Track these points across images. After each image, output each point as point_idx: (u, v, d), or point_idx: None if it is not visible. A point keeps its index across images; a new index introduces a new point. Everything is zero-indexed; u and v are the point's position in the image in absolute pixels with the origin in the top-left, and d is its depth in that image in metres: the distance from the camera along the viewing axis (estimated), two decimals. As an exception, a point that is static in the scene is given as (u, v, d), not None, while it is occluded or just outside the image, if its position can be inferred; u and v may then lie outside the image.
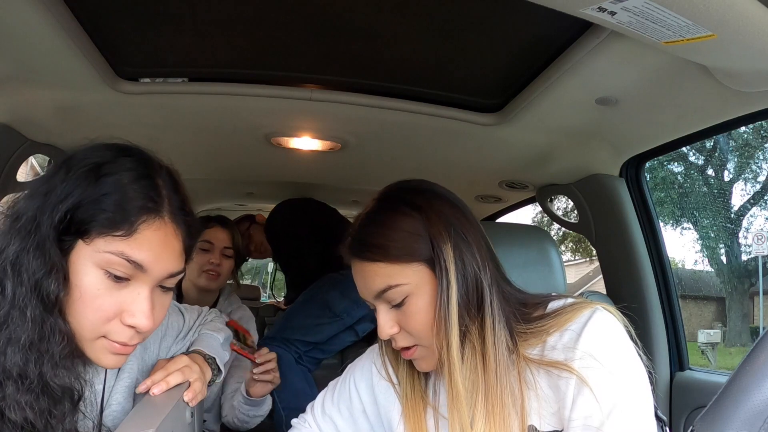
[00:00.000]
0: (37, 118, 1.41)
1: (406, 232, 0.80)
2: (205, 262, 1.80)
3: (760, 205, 6.88)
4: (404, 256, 0.79)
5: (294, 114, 1.53)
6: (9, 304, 0.70)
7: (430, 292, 0.79)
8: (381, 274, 0.80)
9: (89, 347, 0.76)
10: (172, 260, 0.77)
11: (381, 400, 0.96)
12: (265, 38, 1.21)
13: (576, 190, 1.78)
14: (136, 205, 0.73)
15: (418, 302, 0.80)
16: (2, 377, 0.69)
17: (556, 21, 0.97)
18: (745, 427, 0.37)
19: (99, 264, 0.72)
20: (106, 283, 0.73)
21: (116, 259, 0.72)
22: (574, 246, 10.86)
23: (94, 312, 0.73)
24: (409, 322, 0.80)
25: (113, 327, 0.75)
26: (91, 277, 0.72)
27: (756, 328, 6.92)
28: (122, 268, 0.73)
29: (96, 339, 0.75)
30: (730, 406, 0.38)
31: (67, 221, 0.71)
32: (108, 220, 0.72)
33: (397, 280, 0.79)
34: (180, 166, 0.86)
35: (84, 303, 0.73)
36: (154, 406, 0.77)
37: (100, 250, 0.72)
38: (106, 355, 0.77)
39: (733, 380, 0.39)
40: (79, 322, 0.74)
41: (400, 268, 0.79)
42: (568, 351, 0.75)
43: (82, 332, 0.74)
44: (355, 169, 2.10)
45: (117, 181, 0.74)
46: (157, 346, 0.98)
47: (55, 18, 1.01)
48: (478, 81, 1.37)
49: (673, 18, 0.76)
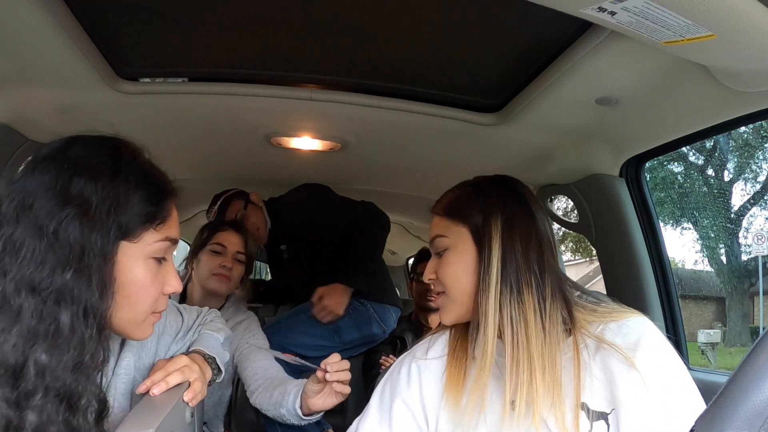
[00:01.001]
0: (37, 118, 1.41)
1: (462, 199, 0.97)
2: (216, 265, 1.77)
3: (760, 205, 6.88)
4: (453, 215, 0.96)
5: (294, 114, 1.53)
6: (68, 332, 0.69)
7: (463, 253, 0.93)
8: (435, 225, 0.99)
9: (139, 327, 0.83)
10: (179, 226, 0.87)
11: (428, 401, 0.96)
12: (265, 38, 1.21)
13: (576, 190, 1.78)
14: (161, 195, 0.81)
15: (452, 257, 0.94)
16: (50, 400, 0.68)
17: (556, 21, 0.97)
18: (745, 427, 0.37)
19: (149, 255, 0.79)
20: (154, 268, 0.80)
21: (163, 245, 0.80)
22: (574, 246, 10.86)
23: (150, 296, 0.81)
24: (442, 271, 0.95)
25: (159, 301, 0.83)
26: (141, 269, 0.78)
27: (756, 328, 6.92)
28: (165, 248, 0.81)
29: (146, 318, 0.83)
30: (730, 406, 0.38)
31: (115, 231, 0.74)
32: (148, 216, 0.78)
33: (443, 232, 0.96)
34: (180, 166, 0.87)
35: (139, 293, 0.79)
36: (153, 407, 0.77)
37: (149, 242, 0.78)
38: (150, 328, 0.85)
39: (733, 380, 0.39)
40: (135, 311, 0.80)
41: (447, 224, 0.96)
42: (624, 341, 0.84)
43: (136, 318, 0.81)
44: (355, 169, 2.10)
45: (139, 180, 0.78)
46: (154, 344, 0.99)
47: (55, 18, 1.01)
48: (478, 81, 1.37)
49: (673, 18, 0.76)
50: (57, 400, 0.68)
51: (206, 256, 1.79)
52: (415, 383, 0.97)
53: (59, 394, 0.68)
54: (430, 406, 0.95)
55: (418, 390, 0.96)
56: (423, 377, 0.97)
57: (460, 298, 0.92)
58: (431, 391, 0.95)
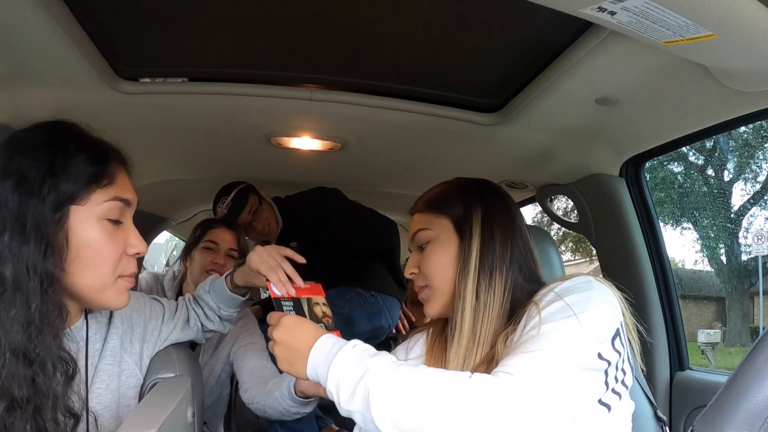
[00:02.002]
0: (36, 118, 1.39)
1: (442, 194, 1.02)
2: (208, 262, 1.78)
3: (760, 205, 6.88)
4: (434, 209, 1.00)
5: (294, 114, 1.53)
6: (11, 288, 0.76)
7: (446, 243, 0.96)
8: (416, 221, 1.02)
9: (108, 293, 0.86)
10: (134, 191, 0.91)
11: None
12: (265, 38, 1.21)
13: (576, 190, 1.78)
14: (104, 161, 0.85)
15: (435, 247, 0.97)
16: (7, 357, 0.74)
17: (556, 21, 0.97)
18: (745, 426, 0.37)
19: (100, 215, 0.83)
20: (109, 229, 0.85)
21: (112, 204, 0.84)
22: (574, 246, 10.86)
23: (110, 257, 0.84)
24: (425, 264, 0.98)
25: (124, 263, 0.87)
26: (95, 230, 0.83)
27: (756, 328, 6.92)
28: (117, 210, 0.85)
29: (115, 281, 0.86)
30: (730, 406, 0.38)
31: (59, 195, 0.79)
32: (91, 177, 0.82)
33: (425, 225, 0.99)
34: (180, 166, 0.88)
35: (97, 254, 0.83)
36: (155, 406, 0.77)
37: (98, 202, 0.83)
38: (122, 294, 0.88)
39: (733, 380, 0.39)
40: (98, 274, 0.84)
41: (429, 217, 1.00)
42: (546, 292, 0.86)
43: (102, 281, 0.85)
44: (355, 169, 2.10)
45: (79, 148, 0.84)
46: (142, 329, 1.03)
47: (55, 18, 1.01)
48: (478, 81, 1.37)
49: (673, 18, 0.76)
50: (14, 357, 0.74)
51: (199, 254, 1.81)
52: None
53: (14, 350, 0.74)
54: None
55: None
56: None
57: (444, 287, 0.96)
58: None
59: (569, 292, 0.83)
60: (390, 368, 0.76)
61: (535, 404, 0.71)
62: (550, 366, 0.74)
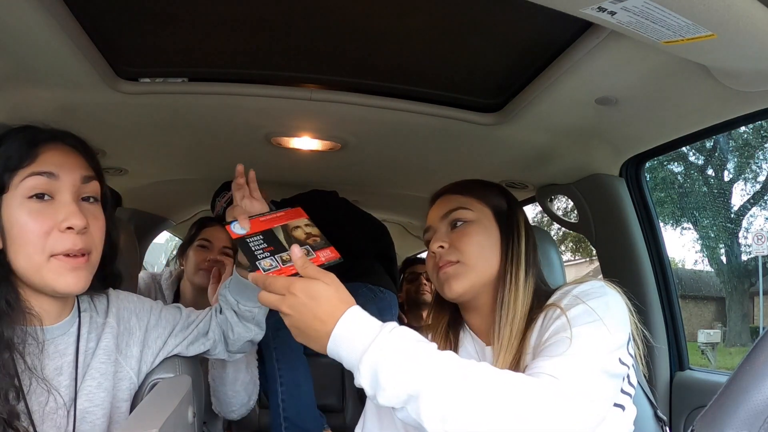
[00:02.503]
0: (36, 118, 1.39)
1: (480, 185, 1.07)
2: (202, 259, 1.80)
3: (760, 205, 6.88)
4: (474, 194, 1.03)
5: (294, 114, 1.53)
6: None
7: (490, 229, 0.99)
8: (456, 200, 1.03)
9: (45, 274, 0.85)
10: (78, 166, 0.89)
11: None
12: (265, 38, 1.21)
13: (576, 190, 1.78)
14: (26, 142, 0.86)
15: (476, 228, 0.99)
16: None
17: (556, 21, 0.97)
18: (745, 427, 0.37)
19: (23, 195, 0.84)
20: (35, 207, 0.84)
21: (32, 180, 0.84)
22: (574, 246, 10.86)
23: (34, 233, 0.84)
24: (464, 240, 0.98)
25: (55, 240, 0.84)
26: (21, 210, 0.84)
27: (756, 328, 6.92)
28: (39, 183, 0.85)
29: (47, 261, 0.84)
30: (730, 406, 0.38)
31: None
32: (14, 163, 0.84)
33: (467, 206, 1.01)
34: (180, 166, 0.87)
35: (24, 232, 0.84)
36: (156, 406, 0.77)
37: (17, 185, 0.84)
38: (65, 275, 0.85)
39: (733, 380, 0.39)
40: (27, 255, 0.84)
41: (468, 200, 1.02)
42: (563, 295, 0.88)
43: (33, 262, 0.84)
44: (355, 169, 2.10)
45: (10, 142, 0.87)
46: (142, 334, 1.01)
47: (55, 18, 1.01)
48: (478, 81, 1.37)
49: (673, 18, 0.76)
50: None
51: (193, 252, 1.84)
52: None
53: None
54: None
55: None
56: None
57: (481, 267, 0.97)
58: None
59: (587, 296, 0.85)
60: (441, 364, 0.71)
61: (577, 408, 0.72)
62: (589, 371, 0.75)
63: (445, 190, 1.07)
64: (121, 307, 1.01)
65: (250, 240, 0.92)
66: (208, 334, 1.09)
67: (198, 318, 1.10)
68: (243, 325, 1.09)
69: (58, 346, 0.90)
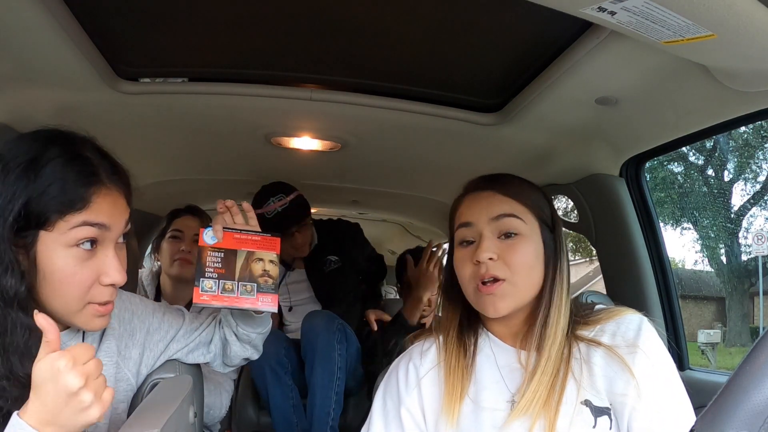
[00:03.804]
0: (37, 118, 1.40)
1: (537, 195, 0.96)
2: (176, 250, 1.82)
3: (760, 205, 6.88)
4: (530, 205, 0.93)
5: (294, 114, 1.53)
6: None
7: (537, 244, 0.91)
8: (508, 203, 0.92)
9: (78, 318, 0.84)
10: (123, 213, 0.87)
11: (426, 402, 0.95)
12: (265, 38, 1.21)
13: (576, 190, 1.78)
14: (80, 183, 0.81)
15: (525, 244, 0.90)
16: None
17: (556, 21, 0.97)
18: (745, 427, 0.37)
19: (68, 243, 0.80)
20: (80, 257, 0.81)
21: (82, 230, 0.80)
22: (574, 246, 10.85)
23: (77, 286, 0.81)
24: (514, 256, 0.89)
25: (95, 291, 0.83)
26: (63, 258, 0.80)
27: (756, 328, 6.92)
28: (89, 234, 0.81)
29: (83, 308, 0.83)
30: (730, 406, 0.38)
31: (23, 219, 0.77)
32: (62, 204, 0.79)
33: (520, 215, 0.91)
34: (180, 166, 0.87)
35: (64, 282, 0.80)
36: (157, 406, 0.77)
37: (64, 230, 0.79)
38: (94, 320, 0.85)
39: (733, 380, 0.39)
40: (65, 300, 0.82)
41: (523, 209, 0.92)
42: (623, 340, 0.86)
43: (69, 308, 0.83)
44: (355, 169, 2.10)
45: (54, 169, 0.80)
46: (142, 337, 1.00)
47: (55, 18, 1.01)
48: (478, 81, 1.37)
49: (673, 18, 0.76)
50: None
51: (166, 244, 1.87)
52: (413, 385, 0.96)
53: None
54: (429, 411, 0.94)
55: (417, 394, 0.95)
56: (422, 380, 0.96)
57: (527, 288, 0.90)
58: (429, 396, 0.94)
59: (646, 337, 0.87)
60: None
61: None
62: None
63: (489, 184, 0.96)
64: (122, 308, 1.00)
65: (211, 254, 0.93)
66: (210, 346, 1.08)
67: (201, 326, 1.09)
68: (240, 345, 1.09)
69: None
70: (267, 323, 1.10)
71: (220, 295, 0.94)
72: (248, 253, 0.96)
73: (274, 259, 0.98)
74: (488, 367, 0.93)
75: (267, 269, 0.96)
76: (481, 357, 0.95)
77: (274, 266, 0.97)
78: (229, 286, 0.95)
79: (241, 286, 0.97)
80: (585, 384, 0.86)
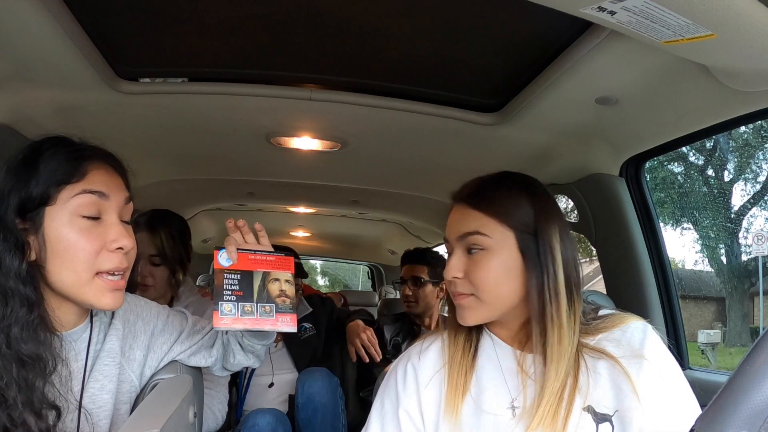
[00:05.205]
0: (37, 118, 1.41)
1: (507, 198, 0.91)
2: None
3: (760, 205, 6.87)
4: (497, 214, 0.89)
5: (294, 114, 1.53)
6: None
7: (508, 259, 0.88)
8: (474, 219, 0.90)
9: (88, 291, 0.87)
10: (121, 188, 0.92)
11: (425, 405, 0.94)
12: (265, 38, 1.21)
13: (576, 190, 1.78)
14: (74, 158, 0.87)
15: (491, 260, 0.88)
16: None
17: (556, 21, 0.97)
18: (745, 426, 0.37)
19: (71, 211, 0.85)
20: (84, 225, 0.86)
21: (82, 198, 0.86)
22: (574, 246, 10.84)
23: (83, 251, 0.85)
24: (476, 272, 0.88)
25: (103, 258, 0.87)
26: (68, 226, 0.85)
27: (756, 328, 6.91)
28: (89, 203, 0.86)
29: (93, 279, 0.87)
30: (729, 405, 0.38)
31: (28, 201, 0.84)
32: (60, 179, 0.85)
33: (486, 230, 0.89)
34: (180, 166, 0.87)
35: (72, 250, 0.85)
36: (157, 406, 0.77)
37: (66, 200, 0.85)
38: (105, 294, 0.88)
39: (733, 380, 0.39)
40: (74, 270, 0.85)
41: (488, 222, 0.89)
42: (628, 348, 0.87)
43: (79, 278, 0.86)
44: (355, 169, 2.10)
45: (52, 154, 0.87)
46: (147, 338, 1.00)
47: (55, 18, 1.01)
48: (478, 81, 1.37)
49: (673, 18, 0.76)
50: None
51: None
52: (411, 386, 0.96)
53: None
54: (428, 413, 0.94)
55: (416, 395, 0.95)
56: (420, 381, 0.96)
57: (495, 302, 0.89)
58: (429, 396, 0.94)
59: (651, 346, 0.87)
60: None
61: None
62: None
63: (464, 197, 0.94)
64: (127, 309, 1.00)
65: (227, 276, 0.93)
66: (212, 350, 1.08)
67: (204, 329, 1.09)
68: (244, 355, 1.09)
69: (69, 352, 0.90)
70: (272, 335, 1.09)
71: (240, 317, 0.94)
72: (264, 273, 0.96)
73: (289, 278, 0.98)
74: (490, 368, 0.93)
75: (284, 289, 0.97)
76: (483, 357, 0.96)
77: (290, 286, 0.98)
78: (248, 308, 0.95)
79: (260, 307, 0.97)
80: (589, 391, 0.86)
